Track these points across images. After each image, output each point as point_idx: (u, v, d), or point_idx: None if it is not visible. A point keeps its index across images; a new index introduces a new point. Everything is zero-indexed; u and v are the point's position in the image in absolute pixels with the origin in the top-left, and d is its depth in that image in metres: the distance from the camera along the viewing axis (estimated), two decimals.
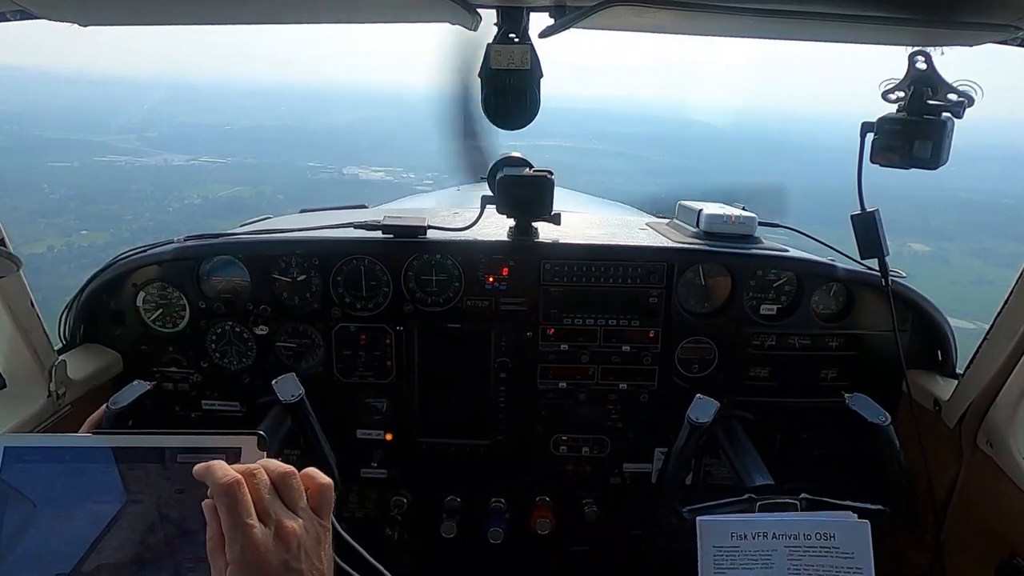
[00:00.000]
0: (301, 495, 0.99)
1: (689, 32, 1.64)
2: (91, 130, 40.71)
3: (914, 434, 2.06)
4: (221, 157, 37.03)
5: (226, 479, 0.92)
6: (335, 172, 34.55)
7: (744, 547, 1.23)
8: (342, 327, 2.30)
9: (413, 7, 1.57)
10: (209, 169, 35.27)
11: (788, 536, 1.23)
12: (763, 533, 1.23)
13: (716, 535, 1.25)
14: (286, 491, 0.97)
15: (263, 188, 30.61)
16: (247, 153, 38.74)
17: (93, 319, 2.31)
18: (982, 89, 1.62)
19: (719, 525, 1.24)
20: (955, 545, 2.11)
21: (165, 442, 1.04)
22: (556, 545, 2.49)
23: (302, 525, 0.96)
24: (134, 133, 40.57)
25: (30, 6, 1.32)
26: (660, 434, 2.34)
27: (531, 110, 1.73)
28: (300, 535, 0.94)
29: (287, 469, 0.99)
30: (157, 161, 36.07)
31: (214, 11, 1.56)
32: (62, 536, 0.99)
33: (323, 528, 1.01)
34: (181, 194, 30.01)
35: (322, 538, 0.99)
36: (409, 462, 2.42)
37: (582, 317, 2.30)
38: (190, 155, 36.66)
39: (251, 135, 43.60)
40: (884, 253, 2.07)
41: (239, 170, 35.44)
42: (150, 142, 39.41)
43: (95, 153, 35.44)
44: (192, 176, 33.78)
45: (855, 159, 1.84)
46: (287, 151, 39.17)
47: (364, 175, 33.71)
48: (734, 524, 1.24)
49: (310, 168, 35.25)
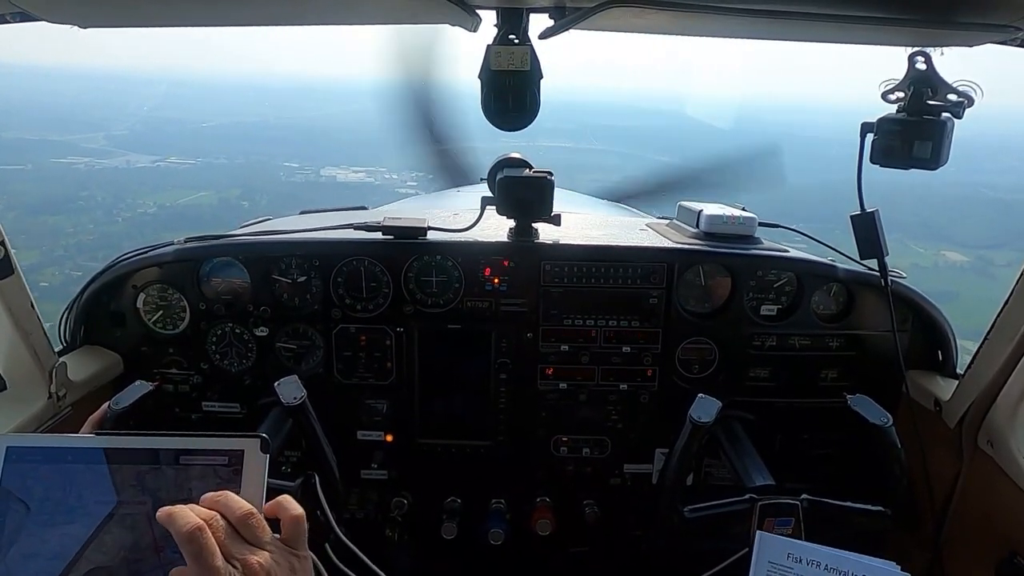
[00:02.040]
0: (264, 531, 1.00)
1: (689, 33, 1.64)
2: (59, 128, 36.57)
3: (914, 434, 2.06)
4: (191, 158, 33.78)
5: (188, 527, 0.92)
6: (312, 173, 31.32)
7: (797, 570, 1.27)
8: (342, 328, 2.30)
9: (413, 8, 1.57)
10: (175, 172, 32.18)
11: (837, 572, 1.26)
12: (816, 563, 1.27)
13: (775, 552, 1.29)
14: (247, 531, 0.98)
15: (229, 193, 27.94)
16: (220, 152, 34.97)
17: (93, 321, 2.31)
18: (982, 89, 1.62)
19: (780, 543, 1.29)
20: (955, 545, 2.11)
21: (168, 444, 1.04)
22: (557, 546, 2.49)
23: (269, 558, 0.97)
24: (102, 131, 36.54)
25: (30, 8, 1.32)
26: (661, 435, 2.34)
27: (531, 111, 1.74)
28: (269, 566, 0.96)
29: (246, 510, 0.99)
30: (119, 163, 32.52)
31: (214, 12, 1.56)
32: (61, 536, 0.99)
33: (297, 557, 1.02)
34: (135, 202, 27.03)
35: (296, 567, 1.01)
36: (409, 463, 2.42)
37: (582, 318, 2.30)
38: (157, 156, 33.41)
39: (227, 133, 39.39)
40: (884, 253, 2.07)
41: (209, 171, 32.27)
42: (117, 141, 35.55)
43: (54, 154, 31.98)
44: (154, 180, 30.79)
45: (856, 153, 1.84)
46: (265, 149, 35.54)
47: (343, 176, 30.30)
48: (794, 546, 1.29)
49: (285, 169, 32.09)
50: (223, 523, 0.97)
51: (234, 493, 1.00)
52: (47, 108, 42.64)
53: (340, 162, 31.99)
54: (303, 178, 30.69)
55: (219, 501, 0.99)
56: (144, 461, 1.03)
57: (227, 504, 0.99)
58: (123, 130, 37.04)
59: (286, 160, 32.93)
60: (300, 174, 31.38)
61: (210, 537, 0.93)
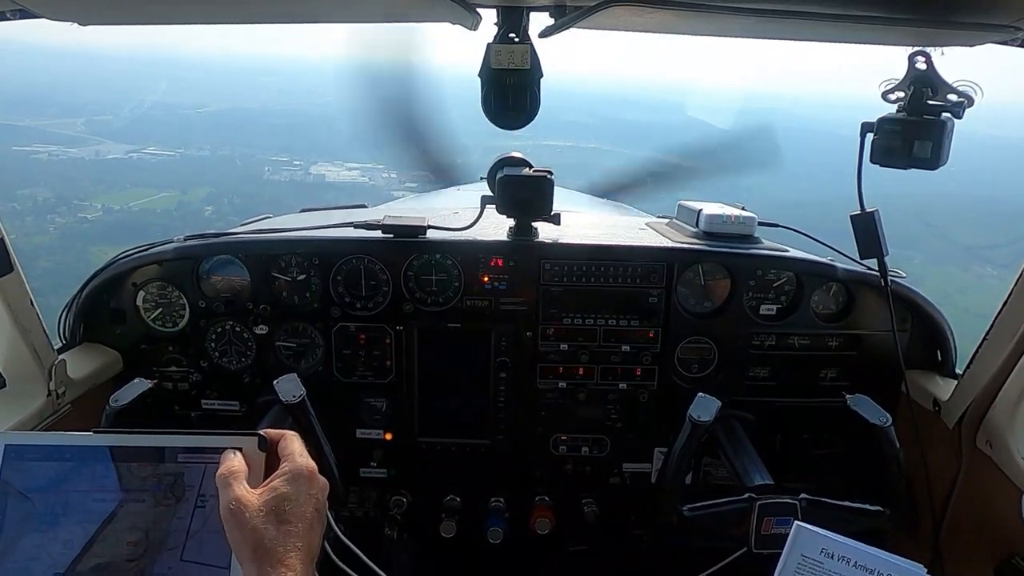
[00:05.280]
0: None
1: (689, 32, 1.64)
2: (35, 112, 31.57)
3: (913, 434, 2.06)
4: (171, 149, 29.60)
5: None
6: (300, 170, 27.35)
7: (828, 565, 1.28)
8: (342, 327, 2.30)
9: (413, 7, 1.57)
10: (147, 165, 27.83)
11: (865, 569, 1.27)
12: (847, 559, 1.27)
13: (808, 545, 1.29)
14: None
15: (193, 194, 24.54)
16: (206, 143, 30.69)
17: (93, 318, 2.31)
18: (982, 89, 1.62)
19: (815, 537, 1.29)
20: (955, 545, 2.11)
21: (166, 441, 1.04)
22: (556, 545, 2.49)
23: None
24: (83, 116, 31.84)
25: (30, 5, 1.32)
26: (660, 434, 2.34)
27: (531, 110, 1.74)
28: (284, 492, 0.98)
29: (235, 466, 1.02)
30: (88, 153, 28.04)
31: (215, 10, 1.56)
32: (60, 534, 0.99)
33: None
34: (80, 204, 22.92)
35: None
36: (409, 462, 2.42)
37: (582, 317, 2.30)
38: (134, 146, 29.01)
39: (222, 121, 34.59)
40: (883, 253, 2.07)
41: (185, 165, 28.29)
42: (96, 127, 30.92)
43: (18, 141, 27.37)
44: (118, 175, 26.54)
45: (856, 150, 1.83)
46: (256, 140, 31.22)
47: (333, 176, 26.52)
48: (827, 541, 1.29)
49: (272, 164, 27.91)
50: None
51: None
52: (23, 89, 37.03)
53: (335, 157, 27.82)
54: (288, 176, 27.14)
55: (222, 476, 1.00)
56: (142, 458, 1.03)
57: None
58: (107, 115, 32.75)
59: (275, 153, 29.11)
60: (286, 170, 27.59)
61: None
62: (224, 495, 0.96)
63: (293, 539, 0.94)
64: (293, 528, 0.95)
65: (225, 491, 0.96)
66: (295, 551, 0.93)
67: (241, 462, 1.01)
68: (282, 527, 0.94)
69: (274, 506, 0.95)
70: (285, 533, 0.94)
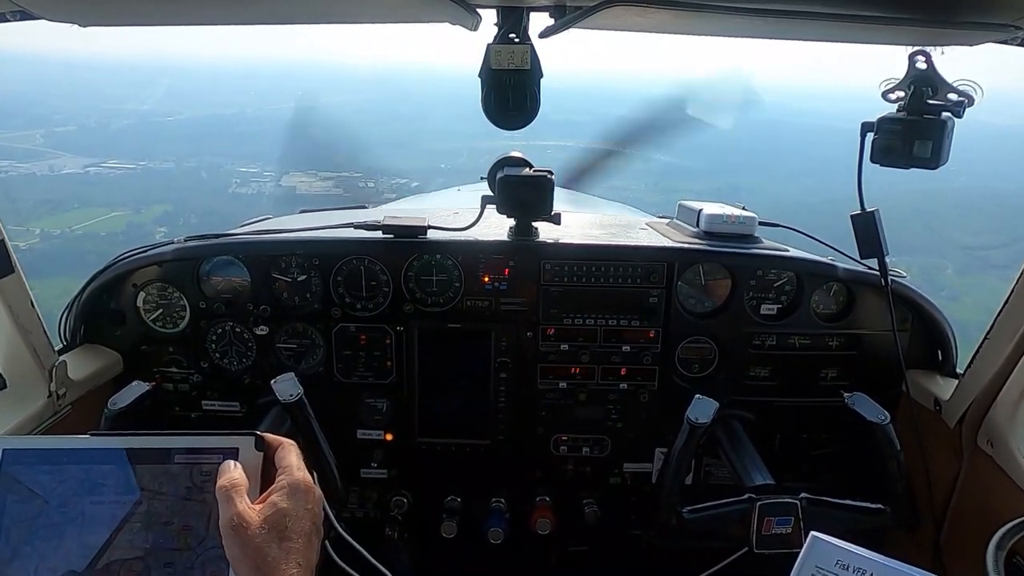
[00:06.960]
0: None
1: (689, 32, 1.64)
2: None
3: (914, 434, 2.06)
4: (133, 161, 26.90)
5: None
6: (270, 182, 23.95)
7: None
8: (342, 327, 2.30)
9: (413, 7, 1.57)
10: (103, 180, 25.36)
11: None
12: (862, 570, 1.25)
13: (822, 556, 1.27)
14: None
15: (149, 213, 22.21)
16: (172, 153, 27.93)
17: (93, 319, 2.31)
18: (982, 89, 1.62)
19: (830, 548, 1.27)
20: (955, 545, 2.11)
21: (162, 443, 1.04)
22: (556, 545, 2.49)
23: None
24: (43, 128, 28.98)
25: (30, 7, 1.32)
26: (660, 434, 2.34)
27: (531, 110, 1.74)
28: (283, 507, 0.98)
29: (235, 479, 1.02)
30: (40, 168, 25.55)
31: (215, 11, 1.56)
32: (59, 538, 0.99)
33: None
34: (15, 229, 17.27)
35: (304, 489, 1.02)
36: (409, 462, 2.42)
37: (582, 317, 2.30)
38: (93, 159, 26.30)
39: (194, 130, 31.56)
40: (884, 253, 2.07)
41: (146, 178, 25.82)
42: (57, 139, 28.30)
43: None
44: (67, 192, 23.84)
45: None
46: (228, 149, 28.01)
47: (305, 187, 21.51)
48: (843, 552, 1.27)
49: (240, 176, 25.09)
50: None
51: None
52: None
53: (309, 166, 24.96)
54: (256, 188, 24.23)
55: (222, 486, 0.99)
56: (139, 461, 1.03)
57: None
58: (71, 126, 29.89)
59: (245, 163, 26.10)
60: (255, 182, 24.76)
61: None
62: (225, 510, 0.95)
63: (294, 555, 0.94)
64: (294, 545, 0.95)
65: (226, 506, 0.95)
66: (296, 568, 0.93)
67: (241, 474, 1.00)
68: (283, 544, 0.94)
69: (275, 522, 0.95)
70: (287, 550, 0.93)
